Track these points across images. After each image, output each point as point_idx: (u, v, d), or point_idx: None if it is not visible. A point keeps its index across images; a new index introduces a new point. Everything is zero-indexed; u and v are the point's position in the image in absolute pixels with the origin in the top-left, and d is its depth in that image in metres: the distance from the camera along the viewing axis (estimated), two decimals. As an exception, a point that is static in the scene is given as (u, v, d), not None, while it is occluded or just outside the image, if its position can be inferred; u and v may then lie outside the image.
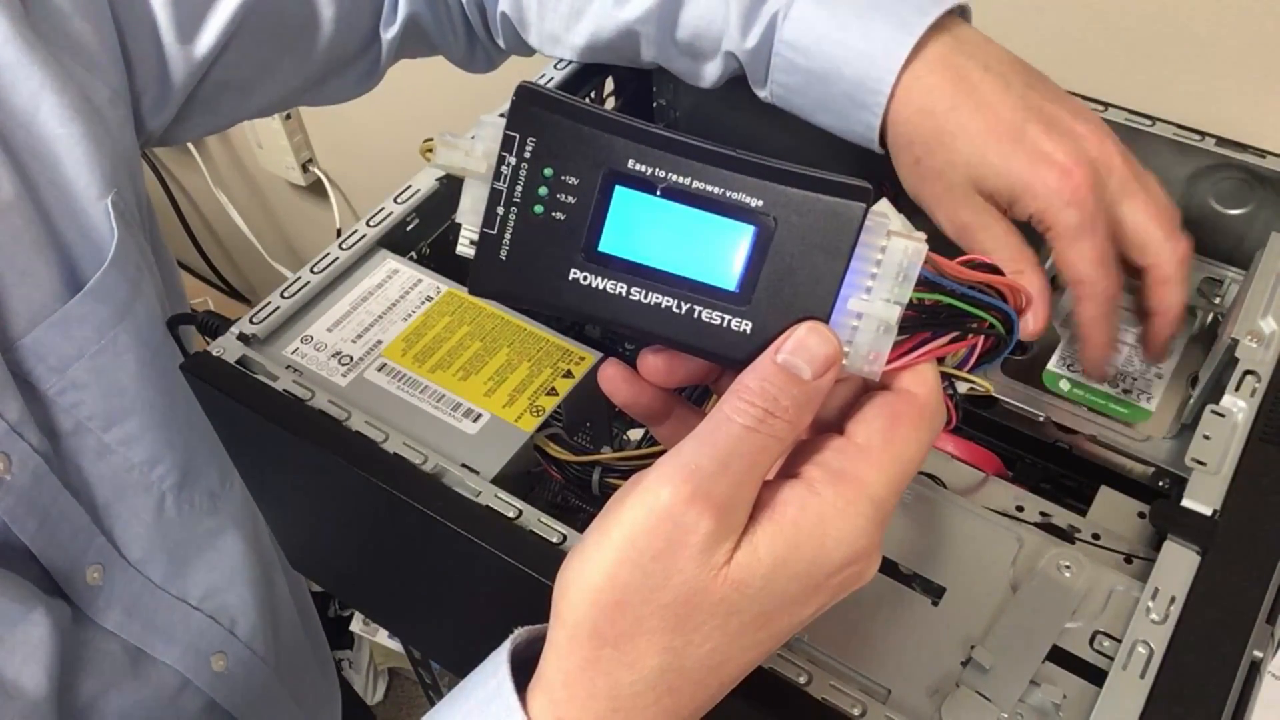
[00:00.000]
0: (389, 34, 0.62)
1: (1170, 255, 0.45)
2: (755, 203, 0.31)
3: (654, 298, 0.32)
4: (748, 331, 0.31)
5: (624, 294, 0.32)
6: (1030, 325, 0.45)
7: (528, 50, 0.64)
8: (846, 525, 0.30)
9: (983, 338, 0.34)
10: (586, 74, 0.62)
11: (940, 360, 0.34)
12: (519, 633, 0.34)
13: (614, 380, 0.36)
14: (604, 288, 0.32)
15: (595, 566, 0.30)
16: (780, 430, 0.30)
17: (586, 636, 0.30)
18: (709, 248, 0.31)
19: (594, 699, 0.30)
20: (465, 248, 0.33)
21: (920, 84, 0.46)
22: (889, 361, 0.32)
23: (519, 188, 0.32)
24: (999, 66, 0.46)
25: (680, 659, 0.30)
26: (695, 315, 0.31)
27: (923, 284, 0.31)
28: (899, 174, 0.49)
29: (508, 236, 0.32)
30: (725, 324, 0.31)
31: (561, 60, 0.62)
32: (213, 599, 0.62)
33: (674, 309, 0.32)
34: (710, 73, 0.56)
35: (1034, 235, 0.46)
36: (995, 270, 0.33)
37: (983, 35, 0.48)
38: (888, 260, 0.31)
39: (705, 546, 0.29)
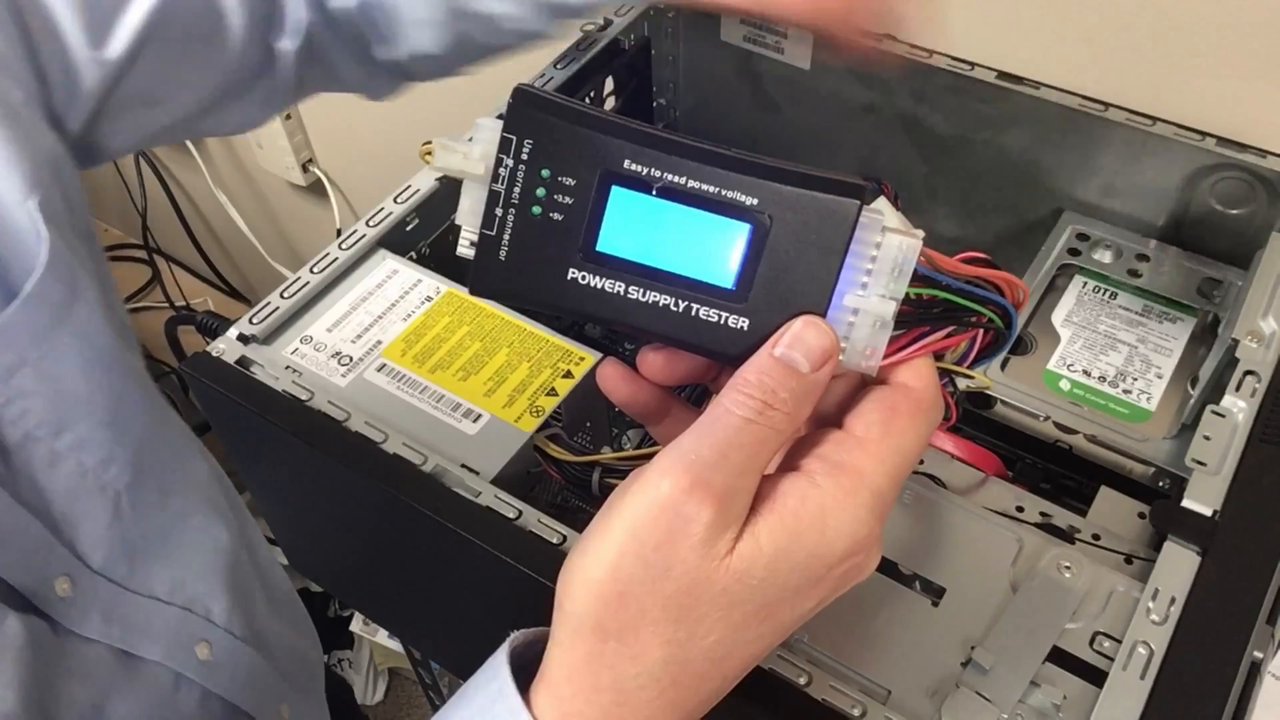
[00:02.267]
0: (288, 46, 0.61)
1: None
2: (750, 201, 0.31)
3: (652, 296, 0.32)
4: (745, 328, 0.31)
5: (622, 293, 0.32)
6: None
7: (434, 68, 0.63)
8: (846, 516, 0.30)
9: (981, 332, 0.34)
10: (586, 74, 0.62)
11: (940, 356, 0.34)
12: (515, 636, 0.34)
13: (612, 379, 0.36)
14: (602, 287, 0.32)
15: (597, 559, 0.30)
16: (779, 422, 0.30)
17: (590, 630, 0.30)
18: (705, 246, 0.31)
19: (598, 692, 0.30)
20: (465, 249, 0.33)
21: None
22: (885, 356, 0.32)
23: (517, 189, 0.32)
24: None
25: (684, 651, 0.30)
26: (693, 313, 0.32)
27: (918, 279, 0.31)
28: None
29: (506, 237, 0.32)
30: (723, 321, 0.31)
31: (563, 60, 0.62)
32: (181, 591, 0.61)
33: (672, 307, 0.32)
34: None
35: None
36: (992, 265, 0.33)
37: None
38: (883, 256, 0.31)
39: (707, 537, 0.29)
